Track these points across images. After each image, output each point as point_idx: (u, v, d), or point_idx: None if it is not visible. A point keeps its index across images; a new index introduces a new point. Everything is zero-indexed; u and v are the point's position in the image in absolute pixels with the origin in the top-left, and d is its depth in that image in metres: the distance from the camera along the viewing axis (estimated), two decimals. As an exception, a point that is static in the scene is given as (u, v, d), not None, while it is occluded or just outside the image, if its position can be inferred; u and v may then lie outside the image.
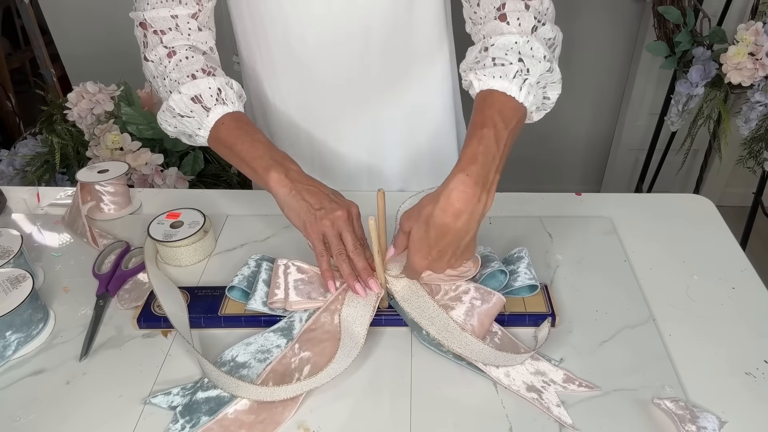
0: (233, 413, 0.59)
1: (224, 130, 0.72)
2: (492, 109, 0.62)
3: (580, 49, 2.02)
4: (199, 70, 0.74)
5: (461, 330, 0.62)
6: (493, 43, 0.65)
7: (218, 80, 0.74)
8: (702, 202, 0.90)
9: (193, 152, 1.30)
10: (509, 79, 0.62)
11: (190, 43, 0.77)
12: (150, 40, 0.76)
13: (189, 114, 0.73)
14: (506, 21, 0.66)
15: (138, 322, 0.69)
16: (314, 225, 0.66)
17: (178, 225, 0.78)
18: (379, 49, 0.84)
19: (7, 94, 2.24)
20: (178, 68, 0.74)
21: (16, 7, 2.43)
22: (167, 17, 0.75)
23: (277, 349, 0.65)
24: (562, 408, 0.59)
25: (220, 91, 0.73)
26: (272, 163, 0.69)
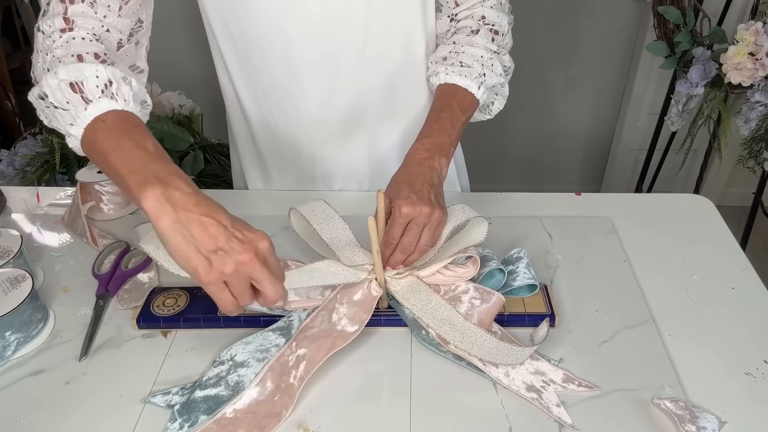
0: (231, 412, 0.59)
1: (102, 131, 0.55)
2: (453, 99, 0.76)
3: (580, 49, 2.02)
4: (91, 53, 0.60)
5: (464, 320, 0.62)
6: (464, 51, 0.79)
7: (110, 70, 0.58)
8: (702, 202, 0.90)
9: (193, 152, 1.30)
10: (471, 79, 0.77)
11: (101, 24, 0.64)
12: (53, 7, 0.63)
13: (64, 105, 0.57)
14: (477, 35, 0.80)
15: (138, 322, 0.69)
16: (209, 273, 0.50)
17: None
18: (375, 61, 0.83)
19: (7, 94, 2.24)
20: (67, 45, 0.61)
21: (16, 7, 2.43)
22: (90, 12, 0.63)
23: (275, 348, 0.65)
24: (561, 408, 0.59)
25: (111, 82, 0.57)
26: (151, 179, 0.51)
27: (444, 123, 0.73)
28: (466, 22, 0.82)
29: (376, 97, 0.87)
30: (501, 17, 0.82)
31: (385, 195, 0.66)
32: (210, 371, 0.63)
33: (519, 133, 2.24)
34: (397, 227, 0.64)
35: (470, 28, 0.81)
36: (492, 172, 2.35)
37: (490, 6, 0.81)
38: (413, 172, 0.68)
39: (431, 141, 0.71)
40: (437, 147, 0.71)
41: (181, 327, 0.69)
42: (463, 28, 0.82)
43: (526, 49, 2.00)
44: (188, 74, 1.99)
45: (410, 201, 0.64)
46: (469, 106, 0.77)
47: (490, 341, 0.61)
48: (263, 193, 0.95)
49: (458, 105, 0.76)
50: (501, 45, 0.82)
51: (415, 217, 0.64)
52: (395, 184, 0.67)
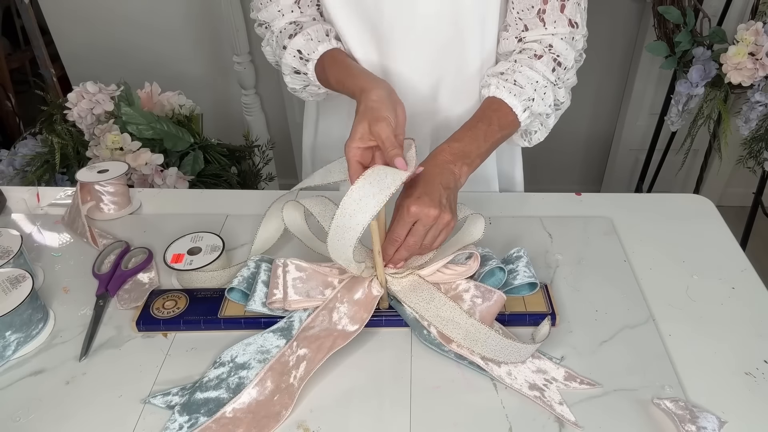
0: (231, 412, 0.59)
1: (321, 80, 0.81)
2: (495, 114, 0.75)
3: (580, 49, 2.02)
4: (286, 37, 0.81)
5: (468, 317, 0.62)
6: (521, 71, 0.77)
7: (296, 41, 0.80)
8: (702, 202, 0.90)
9: (193, 152, 1.30)
10: (519, 100, 0.76)
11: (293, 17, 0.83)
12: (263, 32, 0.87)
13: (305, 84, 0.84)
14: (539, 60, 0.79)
15: (137, 324, 0.69)
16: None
17: (196, 251, 0.76)
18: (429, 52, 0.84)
19: (7, 94, 2.23)
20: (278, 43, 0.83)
21: (16, 7, 2.43)
22: (275, 12, 0.83)
23: (276, 349, 0.65)
24: (564, 406, 0.59)
25: (300, 52, 0.80)
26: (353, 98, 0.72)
27: (478, 133, 0.73)
28: (532, 45, 0.80)
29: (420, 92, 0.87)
30: (568, 51, 0.80)
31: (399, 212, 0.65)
32: (210, 372, 0.63)
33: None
34: (402, 226, 0.64)
35: (534, 51, 0.79)
36: (492, 172, 2.34)
37: (560, 37, 0.79)
38: (431, 173, 0.67)
39: (459, 146, 0.70)
40: (463, 154, 0.70)
41: (181, 329, 0.69)
42: (527, 50, 0.80)
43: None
44: (188, 74, 1.99)
45: (420, 201, 0.63)
46: (508, 125, 0.76)
47: (494, 338, 0.61)
48: (264, 192, 0.95)
49: (498, 121, 0.75)
50: (560, 78, 0.80)
51: (421, 218, 0.63)
52: (410, 181, 0.66)
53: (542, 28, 0.79)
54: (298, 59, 0.81)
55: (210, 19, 1.88)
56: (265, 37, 0.87)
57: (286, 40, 0.81)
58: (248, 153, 1.44)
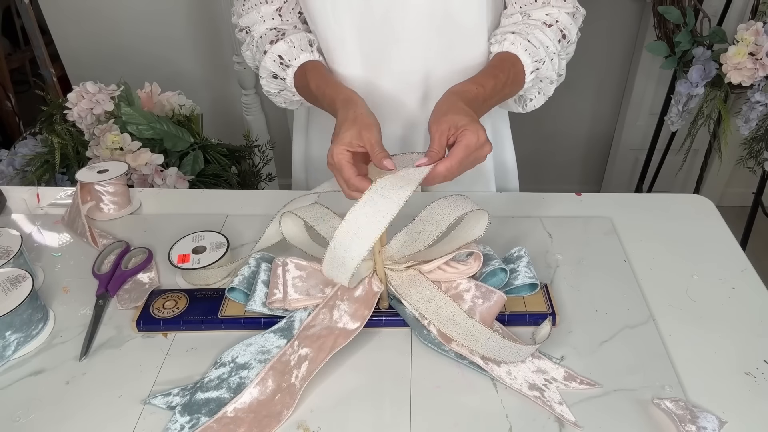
0: (232, 411, 0.59)
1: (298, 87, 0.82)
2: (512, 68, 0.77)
3: (580, 49, 2.01)
4: (267, 43, 0.83)
5: (468, 317, 0.62)
6: (535, 34, 0.79)
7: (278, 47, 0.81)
8: (702, 202, 0.90)
9: (193, 152, 1.30)
10: (532, 60, 0.78)
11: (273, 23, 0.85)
12: (243, 37, 0.88)
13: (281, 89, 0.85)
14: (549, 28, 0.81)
15: (137, 324, 0.69)
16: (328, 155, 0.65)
17: (201, 250, 0.77)
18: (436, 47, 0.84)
19: (7, 94, 2.23)
20: (258, 48, 0.85)
21: (16, 7, 2.43)
22: (257, 19, 0.85)
23: (277, 349, 0.65)
24: (563, 406, 0.59)
25: (282, 57, 0.81)
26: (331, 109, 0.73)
27: (498, 83, 0.74)
28: (539, 15, 0.82)
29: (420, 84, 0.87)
30: (573, 26, 0.83)
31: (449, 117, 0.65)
32: (211, 372, 0.63)
33: (519, 133, 2.23)
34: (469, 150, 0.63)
35: (543, 21, 0.81)
36: (492, 172, 2.34)
37: (566, 12, 0.82)
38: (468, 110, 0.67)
39: (483, 91, 0.72)
40: (484, 99, 0.72)
41: (181, 329, 0.69)
42: (536, 19, 0.82)
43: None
44: (188, 74, 1.99)
45: (483, 132, 0.64)
46: (517, 83, 0.78)
47: (494, 339, 0.61)
48: (264, 192, 0.95)
49: (513, 77, 0.77)
50: (565, 49, 0.84)
51: (480, 148, 0.64)
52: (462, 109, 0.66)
53: (549, 6, 0.82)
54: (278, 64, 0.82)
55: (210, 19, 1.88)
56: (245, 41, 0.88)
57: (267, 45, 0.82)
58: (248, 153, 1.44)
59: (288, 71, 0.82)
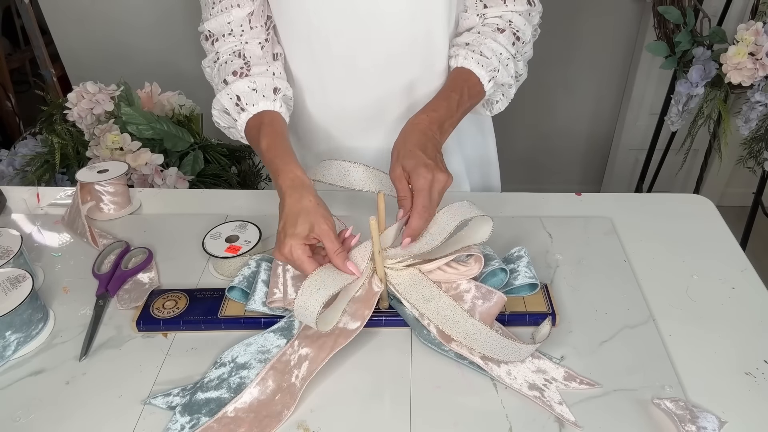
0: (233, 411, 0.59)
1: (248, 138, 0.79)
2: (465, 84, 0.80)
3: (580, 49, 2.02)
4: (230, 74, 0.80)
5: (468, 316, 0.62)
6: (486, 43, 0.82)
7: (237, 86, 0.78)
8: (702, 202, 0.90)
9: (193, 152, 1.30)
10: (486, 70, 0.80)
11: (243, 40, 0.81)
12: (207, 49, 0.84)
13: (230, 126, 0.82)
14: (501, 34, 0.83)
15: (137, 324, 0.69)
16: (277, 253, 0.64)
17: (234, 239, 0.77)
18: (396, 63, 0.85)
19: (7, 94, 2.24)
20: (218, 72, 0.82)
21: (16, 7, 2.43)
22: (224, 24, 0.81)
23: (277, 349, 0.65)
24: (563, 406, 0.59)
25: (240, 97, 0.78)
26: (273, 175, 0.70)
27: (451, 103, 0.76)
28: (493, 20, 0.85)
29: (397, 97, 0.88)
30: (526, 26, 0.85)
31: (399, 162, 0.68)
32: (211, 373, 0.63)
33: (519, 132, 2.24)
34: (426, 194, 0.65)
35: (497, 25, 0.84)
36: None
37: (518, 13, 0.84)
38: (423, 140, 0.70)
39: (436, 116, 0.74)
40: (439, 123, 0.74)
41: (181, 329, 0.69)
42: (489, 24, 0.84)
43: (526, 49, 2.00)
44: (188, 74, 1.99)
45: (431, 167, 0.66)
46: (476, 94, 0.81)
47: (494, 338, 0.61)
48: (264, 192, 0.95)
49: (468, 91, 0.79)
50: (520, 51, 0.85)
51: (434, 183, 0.66)
52: (409, 152, 0.68)
53: (503, 5, 0.84)
54: (234, 104, 0.78)
55: (210, 19, 1.88)
56: (208, 54, 0.84)
57: (230, 75, 0.79)
58: (248, 153, 1.44)
59: (242, 115, 0.78)
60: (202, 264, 0.79)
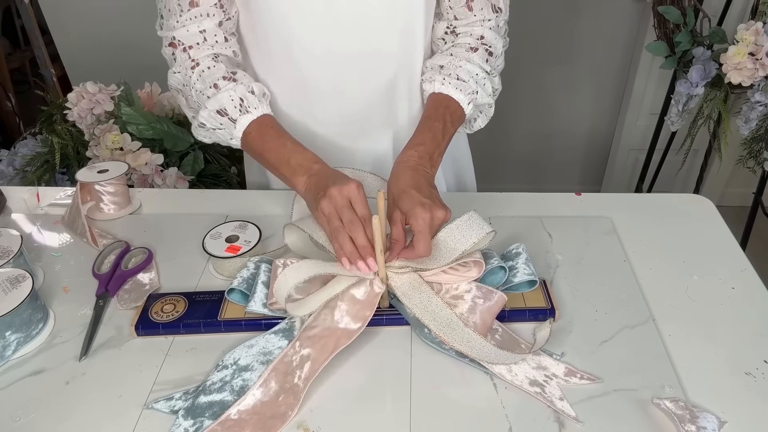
0: (236, 414, 0.58)
1: (251, 139, 0.77)
2: (446, 111, 0.80)
3: (580, 49, 2.02)
4: (221, 78, 0.78)
5: (464, 326, 0.63)
6: (462, 66, 0.83)
7: (239, 88, 0.77)
8: (702, 202, 0.90)
9: (193, 152, 1.30)
10: (465, 94, 0.81)
11: (215, 51, 0.80)
12: (178, 56, 0.80)
13: (219, 126, 0.79)
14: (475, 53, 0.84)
15: (136, 329, 0.68)
16: (316, 209, 0.67)
17: (234, 239, 0.77)
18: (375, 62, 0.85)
19: (7, 94, 2.24)
20: (202, 78, 0.78)
21: (16, 7, 2.43)
22: (196, 33, 0.78)
23: (278, 350, 0.65)
24: (564, 402, 0.59)
25: (243, 100, 0.77)
26: (296, 168, 0.73)
27: (436, 133, 0.76)
28: (465, 39, 0.85)
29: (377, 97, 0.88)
30: (497, 39, 0.86)
31: (396, 205, 0.68)
32: (214, 375, 0.63)
33: (519, 133, 2.24)
34: (426, 235, 0.65)
35: (469, 45, 0.84)
36: (492, 172, 2.35)
37: (489, 27, 0.85)
38: (415, 178, 0.70)
39: (424, 149, 0.74)
40: (429, 155, 0.74)
41: (181, 333, 0.69)
42: (462, 44, 0.85)
43: (527, 48, 2.00)
44: (188, 74, 1.99)
45: (427, 206, 0.65)
46: (458, 120, 0.81)
47: (488, 348, 0.61)
48: (264, 192, 0.95)
49: (450, 117, 0.79)
50: (493, 66, 0.87)
51: (433, 221, 0.65)
52: (403, 193, 0.68)
53: (471, 15, 0.84)
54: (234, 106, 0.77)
55: (210, 19, 1.88)
56: (178, 61, 0.80)
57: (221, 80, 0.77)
58: (248, 153, 1.44)
59: (244, 117, 0.77)
60: (202, 264, 0.79)
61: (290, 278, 0.64)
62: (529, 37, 1.98)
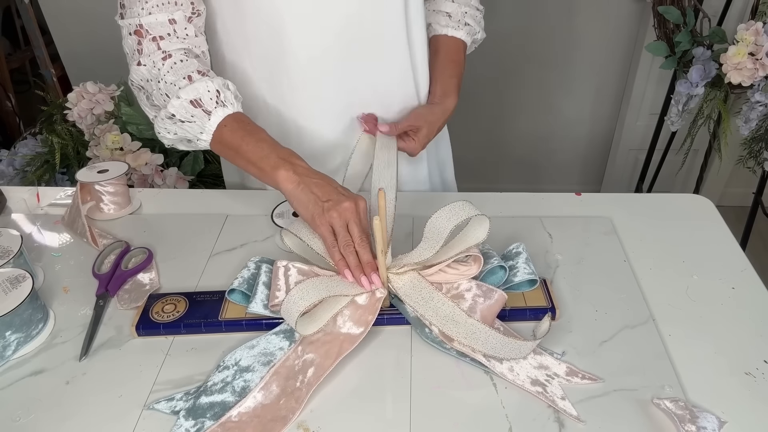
0: (237, 416, 0.58)
1: (227, 133, 0.73)
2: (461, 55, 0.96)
3: (580, 49, 2.02)
4: (195, 71, 0.74)
5: (467, 317, 0.63)
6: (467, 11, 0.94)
7: (216, 81, 0.74)
8: (702, 202, 0.90)
9: (193, 152, 1.30)
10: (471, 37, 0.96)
11: (185, 46, 0.77)
12: (146, 46, 0.75)
13: (190, 119, 0.74)
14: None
15: (137, 329, 0.68)
16: (322, 216, 0.67)
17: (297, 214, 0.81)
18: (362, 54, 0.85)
19: (7, 94, 2.24)
20: (174, 70, 0.74)
21: (16, 7, 2.43)
22: (165, 22, 0.75)
23: (280, 351, 0.65)
24: (566, 401, 0.59)
25: (219, 92, 0.74)
26: (279, 162, 0.70)
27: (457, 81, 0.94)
28: None
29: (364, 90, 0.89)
30: None
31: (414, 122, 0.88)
32: (215, 376, 0.63)
33: (519, 133, 2.24)
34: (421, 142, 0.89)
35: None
36: (492, 172, 2.35)
37: None
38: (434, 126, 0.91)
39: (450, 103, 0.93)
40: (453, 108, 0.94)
41: (182, 333, 0.68)
42: None
43: (527, 48, 2.00)
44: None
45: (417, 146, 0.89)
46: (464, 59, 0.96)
47: (494, 337, 0.61)
48: (264, 192, 0.95)
49: (463, 60, 0.95)
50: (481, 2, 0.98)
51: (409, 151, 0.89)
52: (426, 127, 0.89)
53: None
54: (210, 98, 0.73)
55: (210, 19, 1.88)
56: (143, 51, 0.75)
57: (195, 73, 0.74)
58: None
59: (219, 110, 0.73)
60: (203, 264, 0.79)
61: (298, 301, 0.63)
62: (529, 37, 1.98)
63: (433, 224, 0.68)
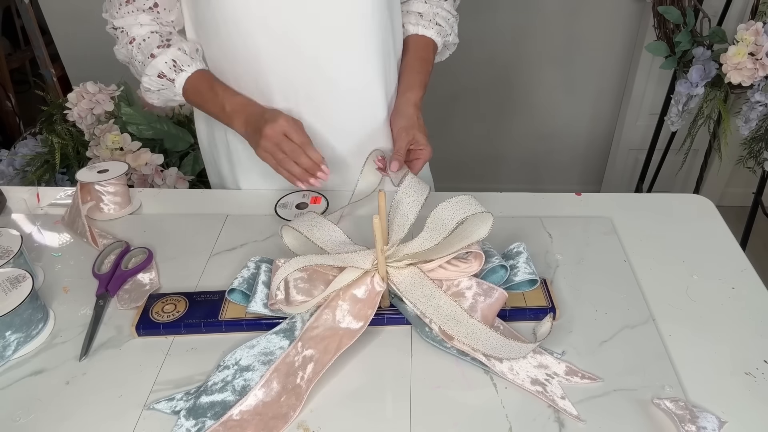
0: (238, 414, 0.58)
1: (190, 96, 0.87)
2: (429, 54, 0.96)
3: (580, 49, 2.02)
4: (155, 47, 0.85)
5: (469, 317, 0.63)
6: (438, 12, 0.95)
7: (170, 51, 0.85)
8: (702, 202, 0.90)
9: (193, 152, 1.30)
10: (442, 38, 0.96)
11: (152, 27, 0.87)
12: (120, 36, 0.89)
13: (161, 88, 0.88)
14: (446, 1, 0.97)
15: (137, 329, 0.68)
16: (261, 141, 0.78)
17: (303, 206, 0.88)
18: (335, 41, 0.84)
19: (7, 94, 2.24)
20: (141, 50, 0.86)
21: (16, 7, 2.43)
22: (133, 22, 0.87)
23: (280, 350, 0.65)
24: (566, 400, 0.59)
25: (175, 61, 0.85)
26: (232, 113, 0.84)
27: (423, 78, 0.93)
28: None
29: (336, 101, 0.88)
30: None
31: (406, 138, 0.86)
32: (215, 376, 0.63)
33: (519, 132, 2.24)
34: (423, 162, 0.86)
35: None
36: (492, 172, 2.35)
37: None
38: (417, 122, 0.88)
39: (414, 95, 0.91)
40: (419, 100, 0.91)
41: (182, 333, 0.69)
42: None
43: (527, 48, 2.00)
44: (188, 74, 1.99)
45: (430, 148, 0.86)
46: (434, 59, 0.98)
47: (494, 338, 0.61)
48: (264, 192, 0.95)
49: (431, 59, 0.96)
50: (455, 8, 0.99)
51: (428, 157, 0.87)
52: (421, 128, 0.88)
53: None
54: (170, 67, 0.85)
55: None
56: (118, 39, 0.89)
57: (155, 48, 0.85)
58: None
59: (180, 75, 0.86)
60: (203, 264, 0.79)
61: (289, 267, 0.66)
62: (529, 37, 1.98)
63: (437, 215, 0.67)
